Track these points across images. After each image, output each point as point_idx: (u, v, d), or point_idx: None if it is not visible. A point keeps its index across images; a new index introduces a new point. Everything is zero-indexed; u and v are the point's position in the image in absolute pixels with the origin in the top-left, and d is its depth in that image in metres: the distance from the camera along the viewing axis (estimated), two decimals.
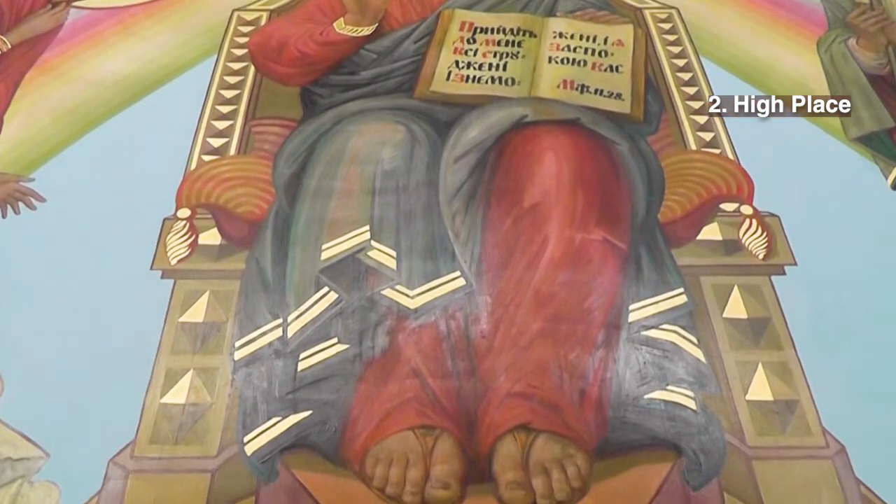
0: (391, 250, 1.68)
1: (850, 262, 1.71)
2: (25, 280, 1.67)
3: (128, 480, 1.40)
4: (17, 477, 1.41)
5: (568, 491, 1.38)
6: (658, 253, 1.70)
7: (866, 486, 1.41)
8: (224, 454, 1.43)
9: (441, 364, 1.53)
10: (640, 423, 1.47)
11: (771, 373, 1.55)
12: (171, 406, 1.49)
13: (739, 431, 1.47)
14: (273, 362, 1.54)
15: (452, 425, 1.46)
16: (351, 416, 1.47)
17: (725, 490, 1.40)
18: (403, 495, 1.38)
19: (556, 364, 1.53)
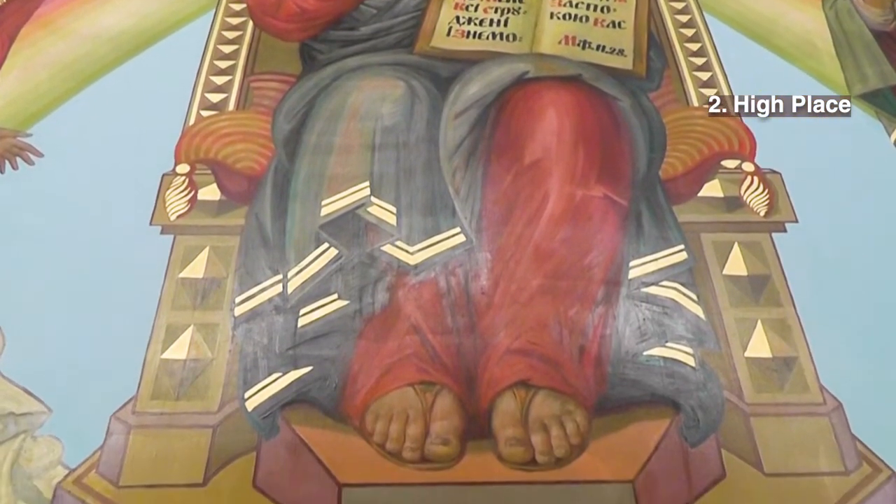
0: (391, 206, 1.65)
1: (851, 220, 1.69)
2: (24, 235, 1.65)
3: (130, 436, 1.39)
4: (21, 432, 1.40)
5: (567, 447, 1.38)
6: (659, 209, 1.68)
7: (862, 442, 1.40)
8: (225, 410, 1.42)
9: (441, 320, 1.52)
10: (638, 380, 1.46)
11: (770, 330, 1.53)
12: (172, 362, 1.47)
13: (738, 388, 1.46)
14: (273, 318, 1.52)
15: (452, 381, 1.45)
16: (351, 371, 1.46)
17: (723, 446, 1.39)
18: (403, 451, 1.37)
19: (555, 320, 1.51)
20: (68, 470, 1.36)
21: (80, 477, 1.35)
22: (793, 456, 1.38)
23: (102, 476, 1.35)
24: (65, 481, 1.34)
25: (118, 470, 1.35)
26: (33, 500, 1.33)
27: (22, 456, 1.38)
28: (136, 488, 1.33)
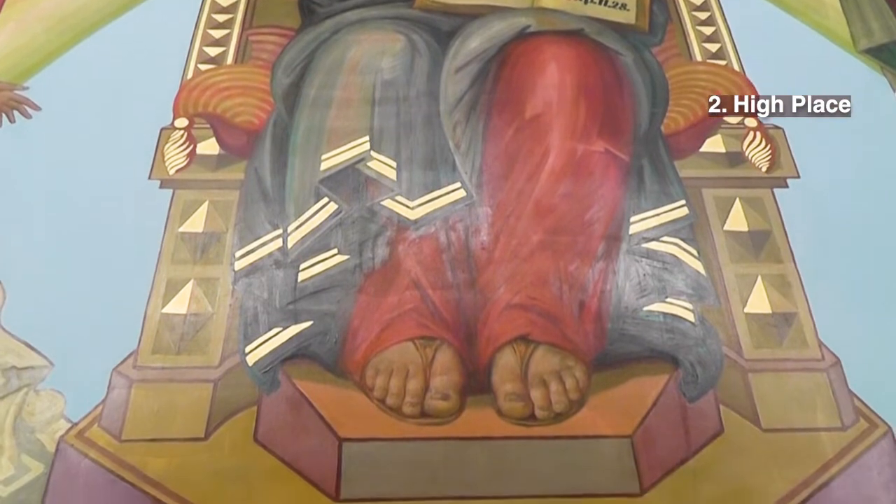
0: (391, 161, 1.63)
1: (853, 176, 1.66)
2: (23, 189, 1.62)
3: (131, 390, 1.38)
4: (23, 386, 1.39)
5: (566, 403, 1.36)
6: (660, 165, 1.65)
7: (859, 398, 1.39)
8: (226, 364, 1.41)
9: (441, 275, 1.50)
10: (638, 335, 1.44)
11: (770, 286, 1.51)
12: (173, 316, 1.46)
13: (737, 344, 1.44)
14: (273, 273, 1.50)
15: (452, 336, 1.43)
16: (351, 326, 1.44)
17: (721, 402, 1.38)
18: (403, 406, 1.36)
19: (555, 276, 1.49)
20: (71, 424, 1.35)
21: (83, 431, 1.34)
22: (790, 411, 1.37)
23: (105, 430, 1.34)
24: (67, 435, 1.34)
25: (120, 424, 1.34)
26: (36, 454, 1.32)
27: (24, 410, 1.37)
28: (138, 442, 1.32)
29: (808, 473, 1.31)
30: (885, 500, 1.29)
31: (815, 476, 1.30)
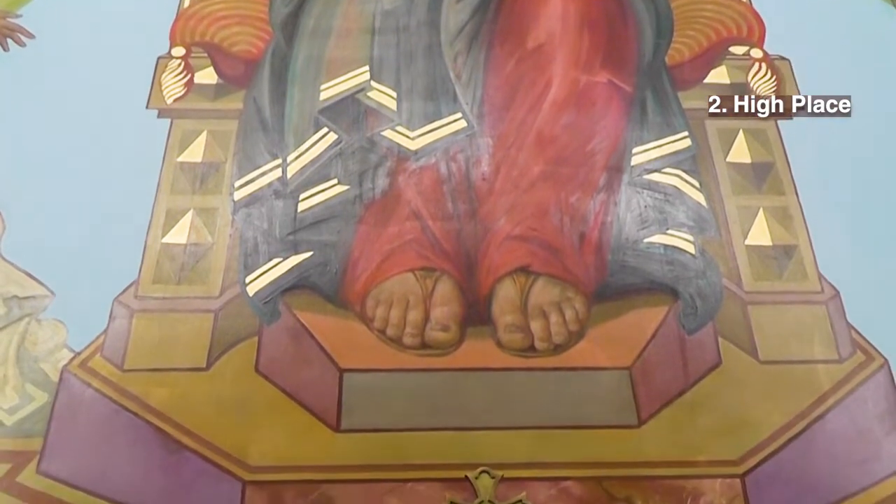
0: (391, 91, 1.56)
1: (857, 108, 1.59)
2: (20, 118, 1.56)
3: (132, 319, 1.34)
4: (25, 315, 1.35)
5: (565, 334, 1.33)
6: (664, 96, 1.58)
7: (857, 330, 1.35)
8: (226, 294, 1.37)
9: (441, 206, 1.45)
10: (638, 267, 1.40)
11: (771, 218, 1.46)
12: (173, 246, 1.41)
13: (737, 276, 1.40)
14: (273, 203, 1.45)
15: (452, 267, 1.39)
16: (351, 257, 1.40)
17: (720, 334, 1.34)
18: (403, 337, 1.32)
19: (556, 207, 1.45)
20: (73, 353, 1.32)
21: (86, 360, 1.31)
22: (788, 344, 1.34)
23: (107, 359, 1.31)
24: (70, 364, 1.30)
25: (122, 353, 1.31)
26: (40, 383, 1.29)
27: (27, 339, 1.34)
28: (140, 372, 1.29)
29: (804, 406, 1.28)
30: (878, 432, 1.26)
31: (810, 408, 1.28)
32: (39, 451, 1.22)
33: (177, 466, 1.21)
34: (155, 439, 1.23)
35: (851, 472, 1.22)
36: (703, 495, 1.19)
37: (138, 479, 1.19)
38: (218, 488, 1.19)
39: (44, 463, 1.21)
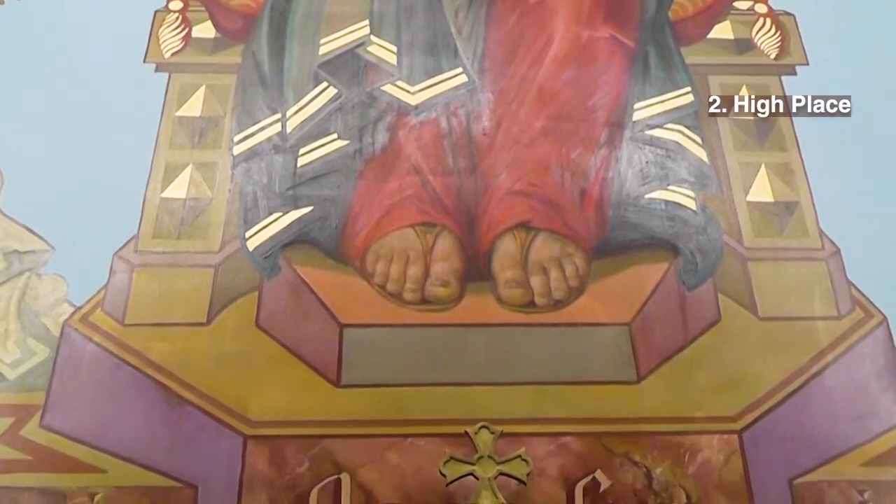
0: (391, 45, 1.50)
1: (862, 65, 1.53)
2: (18, 73, 1.50)
3: (133, 274, 1.30)
4: (25, 270, 1.32)
5: (565, 290, 1.29)
6: (666, 51, 1.52)
7: (857, 287, 1.32)
8: (226, 249, 1.33)
9: (442, 161, 1.41)
10: (639, 223, 1.36)
11: (773, 174, 1.42)
12: (172, 201, 1.37)
13: (737, 232, 1.36)
14: (272, 157, 1.41)
15: (452, 223, 1.35)
16: (351, 212, 1.36)
17: (719, 290, 1.31)
18: (404, 292, 1.29)
19: (557, 162, 1.40)
20: (74, 308, 1.28)
21: (87, 315, 1.27)
22: (788, 300, 1.30)
23: (108, 314, 1.27)
24: (71, 319, 1.27)
25: (123, 308, 1.28)
26: (42, 338, 1.26)
27: (28, 293, 1.30)
28: (141, 326, 1.26)
29: (802, 362, 1.25)
30: (875, 388, 1.23)
31: (809, 364, 1.25)
32: (42, 405, 1.20)
33: (178, 421, 1.18)
34: (156, 394, 1.20)
35: (848, 428, 1.20)
36: (701, 451, 1.17)
37: (140, 434, 1.17)
38: (219, 443, 1.16)
39: (47, 417, 1.19)
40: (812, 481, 1.15)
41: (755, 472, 1.15)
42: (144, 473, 1.14)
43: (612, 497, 1.13)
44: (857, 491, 1.15)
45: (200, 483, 1.13)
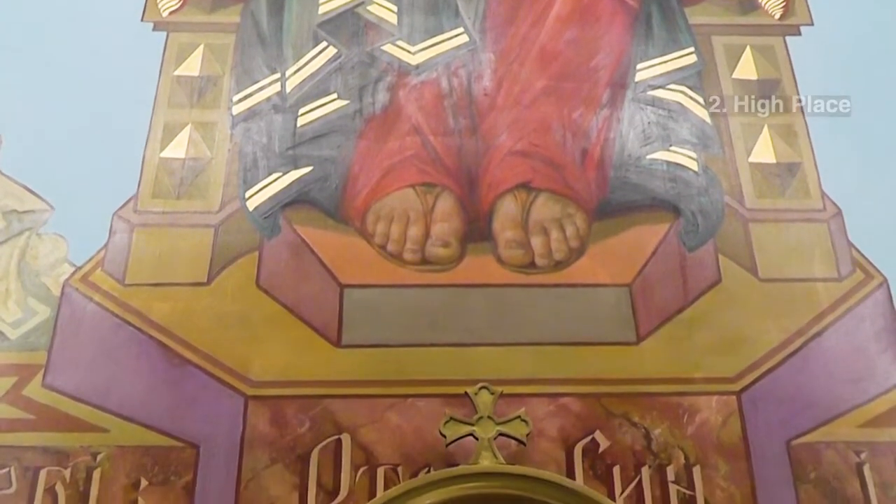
0: (391, 4, 1.45)
1: (867, 26, 1.48)
2: (14, 33, 1.45)
3: (133, 234, 1.27)
4: (25, 229, 1.28)
5: (566, 251, 1.26)
6: (670, 11, 1.47)
7: (858, 249, 1.28)
8: (226, 209, 1.29)
9: (442, 121, 1.36)
10: (640, 184, 1.32)
11: (776, 135, 1.38)
12: (171, 160, 1.33)
13: (739, 194, 1.32)
14: (272, 117, 1.36)
15: (453, 183, 1.31)
16: (351, 172, 1.32)
17: (720, 252, 1.27)
18: (404, 252, 1.25)
19: (559, 123, 1.36)
20: (74, 267, 1.25)
21: (87, 274, 1.24)
22: (788, 262, 1.27)
23: (108, 274, 1.24)
24: (72, 278, 1.24)
25: (123, 268, 1.24)
26: (42, 297, 1.23)
27: (28, 253, 1.27)
28: (141, 286, 1.23)
29: (801, 323, 1.22)
30: (874, 349, 1.20)
31: (808, 326, 1.22)
32: (44, 364, 1.17)
33: (180, 381, 1.16)
34: (158, 354, 1.17)
35: (846, 390, 1.17)
36: (700, 412, 1.14)
37: (142, 394, 1.14)
38: (220, 403, 1.14)
39: (49, 376, 1.16)
40: (809, 442, 1.13)
41: (753, 434, 1.13)
42: (146, 433, 1.11)
43: (611, 457, 1.10)
44: (853, 452, 1.12)
45: (202, 443, 1.11)
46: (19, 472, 1.08)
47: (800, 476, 1.10)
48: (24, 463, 1.09)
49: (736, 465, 1.10)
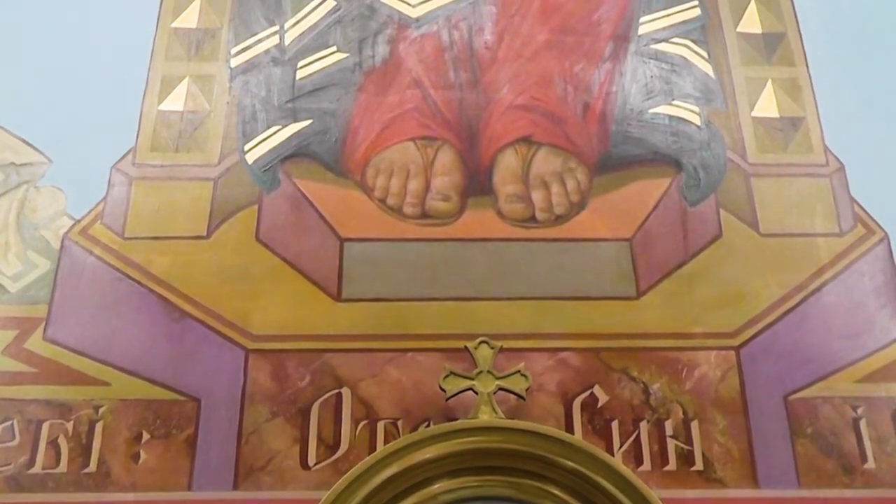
0: None
1: None
2: None
3: (131, 187, 1.22)
4: (22, 182, 1.23)
5: (567, 205, 1.21)
6: None
7: (860, 204, 1.23)
8: (225, 162, 1.24)
9: (443, 74, 1.30)
10: (642, 138, 1.26)
11: (780, 89, 1.31)
12: (169, 113, 1.27)
13: (741, 148, 1.27)
14: (271, 70, 1.30)
15: (454, 137, 1.25)
16: (351, 125, 1.26)
17: (721, 206, 1.22)
18: (404, 206, 1.20)
19: (560, 76, 1.30)
20: (74, 221, 1.20)
21: (86, 228, 1.19)
22: (790, 216, 1.22)
23: (107, 227, 1.19)
24: (71, 232, 1.19)
25: (122, 221, 1.19)
26: (42, 251, 1.18)
27: (26, 206, 1.22)
28: (141, 240, 1.18)
29: (801, 278, 1.17)
30: (873, 305, 1.16)
31: (808, 281, 1.17)
32: (45, 317, 1.12)
33: (180, 334, 1.11)
34: (158, 307, 1.13)
35: (844, 345, 1.13)
36: (698, 367, 1.10)
37: (143, 347, 1.10)
38: (221, 356, 1.10)
39: (50, 330, 1.12)
40: (807, 397, 1.09)
41: (751, 388, 1.09)
42: (148, 386, 1.08)
43: (610, 412, 1.07)
44: (850, 407, 1.09)
45: (203, 396, 1.07)
46: (22, 425, 1.05)
47: (797, 431, 1.07)
48: (27, 416, 1.05)
49: (734, 420, 1.07)
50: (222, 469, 1.02)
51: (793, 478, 1.03)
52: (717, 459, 1.04)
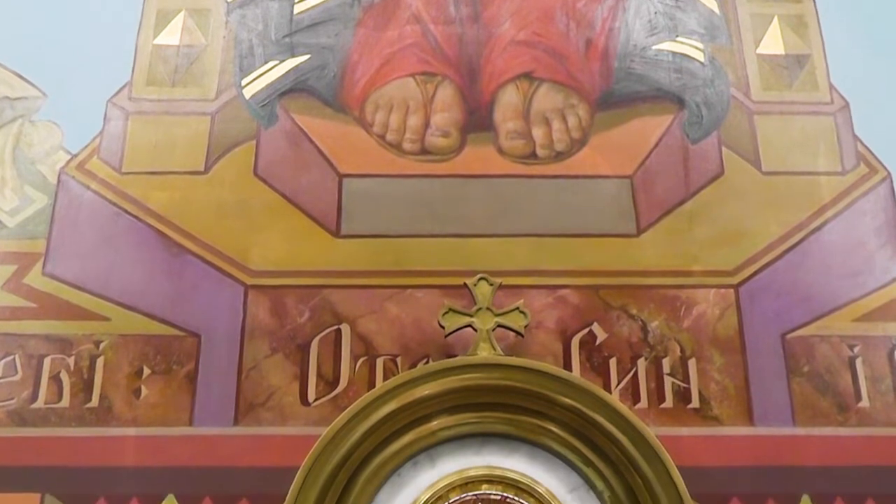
0: None
1: None
2: None
3: (128, 122, 1.14)
4: (18, 116, 1.15)
5: (567, 142, 1.13)
6: None
7: (863, 143, 1.15)
8: (223, 97, 1.16)
9: (443, 9, 1.21)
10: (645, 75, 1.18)
11: (786, 26, 1.22)
12: (165, 48, 1.18)
13: (745, 86, 1.18)
14: (268, 4, 1.21)
15: (454, 72, 1.17)
16: (350, 61, 1.17)
17: (724, 144, 1.14)
18: (403, 142, 1.13)
19: (562, 11, 1.21)
20: (70, 155, 1.12)
21: (83, 162, 1.12)
22: (792, 155, 1.14)
23: (104, 162, 1.12)
24: (68, 166, 1.11)
25: (119, 156, 1.12)
26: (39, 185, 1.11)
27: (22, 140, 1.14)
28: (138, 175, 1.11)
29: (802, 217, 1.10)
30: (873, 244, 1.09)
31: (809, 220, 1.10)
32: (43, 252, 1.06)
33: (179, 270, 1.05)
34: (157, 242, 1.07)
35: (843, 284, 1.07)
36: (697, 305, 1.04)
37: (142, 283, 1.04)
38: (220, 292, 1.04)
39: (48, 265, 1.06)
40: (804, 336, 1.04)
41: (749, 327, 1.04)
42: (148, 322, 1.02)
43: (608, 349, 1.01)
44: (847, 346, 1.03)
45: (203, 332, 1.02)
46: (24, 359, 1.00)
47: (793, 369, 1.02)
48: (28, 351, 1.00)
49: (731, 358, 1.01)
50: (223, 405, 0.98)
51: (788, 416, 0.99)
52: (714, 397, 1.00)
